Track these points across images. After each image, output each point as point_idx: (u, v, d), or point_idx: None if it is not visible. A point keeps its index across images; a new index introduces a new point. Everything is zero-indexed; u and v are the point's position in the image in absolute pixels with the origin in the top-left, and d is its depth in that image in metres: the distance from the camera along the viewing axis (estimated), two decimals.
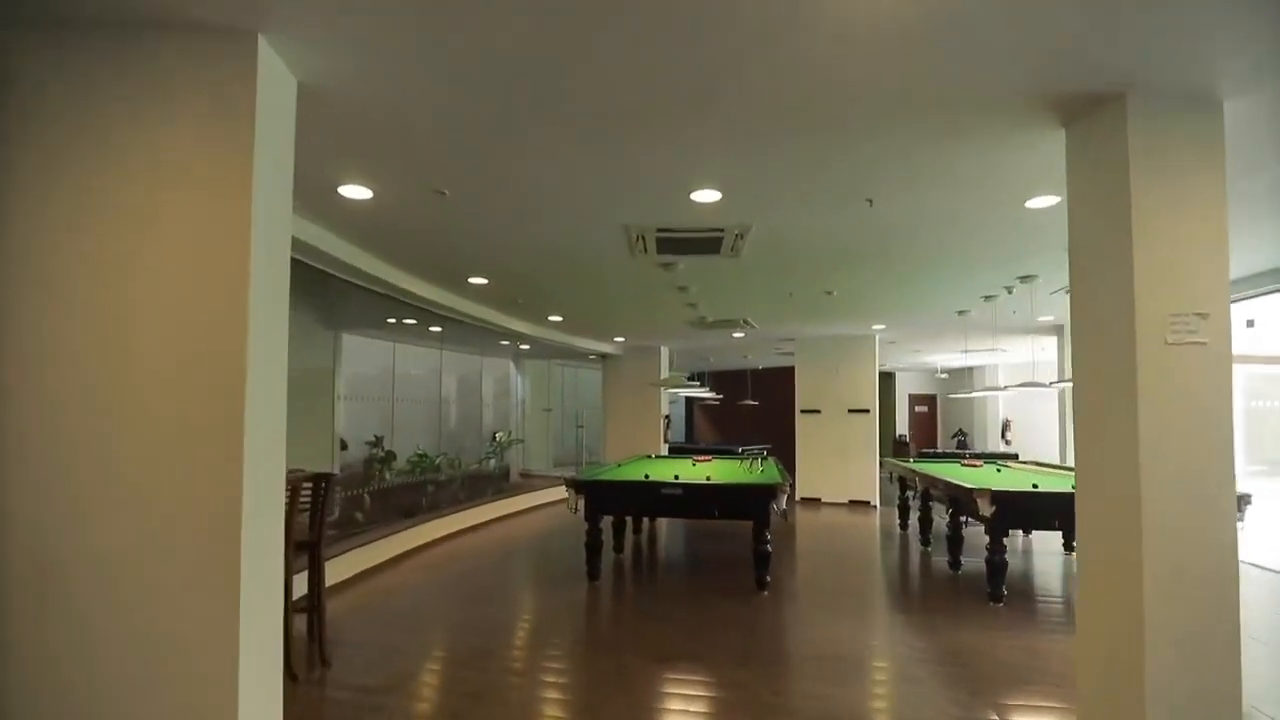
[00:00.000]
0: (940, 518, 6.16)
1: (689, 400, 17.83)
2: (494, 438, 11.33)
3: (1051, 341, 10.08)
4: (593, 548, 5.18)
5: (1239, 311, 8.55)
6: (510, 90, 2.54)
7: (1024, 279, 5.82)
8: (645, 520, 7.20)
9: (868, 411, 9.88)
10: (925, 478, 6.12)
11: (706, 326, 8.73)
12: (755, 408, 15.52)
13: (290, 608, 3.15)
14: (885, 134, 2.92)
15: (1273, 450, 9.37)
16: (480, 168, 3.32)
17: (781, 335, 9.97)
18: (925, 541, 6.67)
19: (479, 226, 4.36)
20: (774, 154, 3.14)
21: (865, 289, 6.41)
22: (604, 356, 11.91)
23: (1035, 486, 4.94)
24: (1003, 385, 7.21)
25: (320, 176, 3.42)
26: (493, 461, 10.97)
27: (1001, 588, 4.67)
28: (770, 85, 2.47)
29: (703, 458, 7.67)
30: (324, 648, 3.50)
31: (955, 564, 5.64)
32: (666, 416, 11.46)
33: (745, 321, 8.43)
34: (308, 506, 3.57)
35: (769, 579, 4.96)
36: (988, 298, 6.76)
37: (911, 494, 7.50)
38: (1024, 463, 7.65)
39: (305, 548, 3.47)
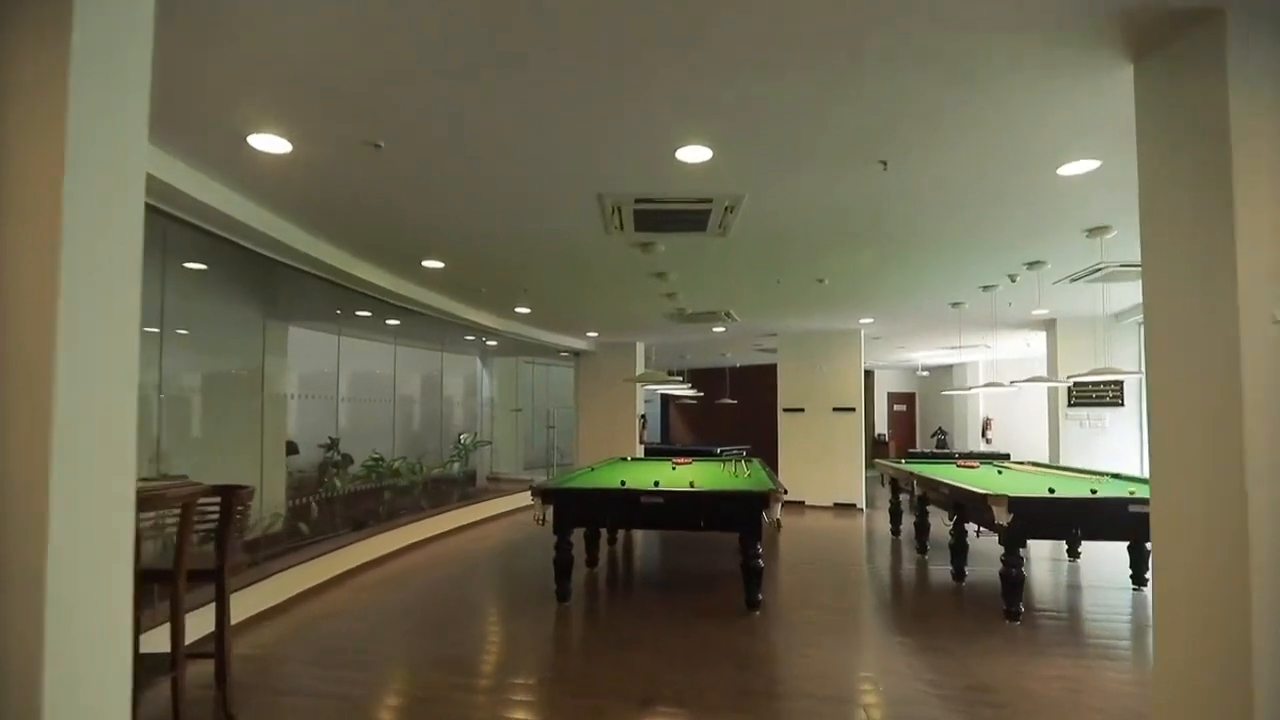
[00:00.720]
0: (943, 524, 5.69)
1: (665, 400, 17.31)
2: (459, 440, 10.65)
3: (1040, 337, 9.76)
4: (562, 565, 4.59)
5: None
6: (456, 13, 1.96)
7: (1032, 265, 5.38)
8: (621, 530, 6.63)
9: (853, 410, 9.45)
10: (924, 481, 5.66)
11: (686, 320, 8.20)
12: (734, 408, 15.07)
13: (180, 657, 2.51)
14: (905, 72, 2.40)
15: None
16: (424, 114, 2.73)
17: (763, 330, 9.49)
18: (922, 549, 6.22)
19: (426, 193, 3.74)
20: (774, 98, 2.59)
21: (859, 276, 5.93)
22: (576, 353, 11.31)
23: (1052, 491, 4.50)
24: (1008, 381, 6.80)
25: (224, 122, 2.79)
26: (456, 465, 10.30)
27: (1019, 604, 4.21)
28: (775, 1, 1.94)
29: (682, 460, 7.14)
30: (228, 702, 2.86)
31: (959, 574, 5.18)
32: (643, 417, 10.91)
33: (727, 314, 7.92)
34: (215, 524, 2.93)
35: (761, 598, 4.43)
36: (986, 288, 6.33)
37: (905, 498, 7.07)
38: (1019, 463, 7.26)
39: (205, 577, 2.83)
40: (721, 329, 9.22)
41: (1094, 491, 4.49)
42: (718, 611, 4.42)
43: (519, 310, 7.72)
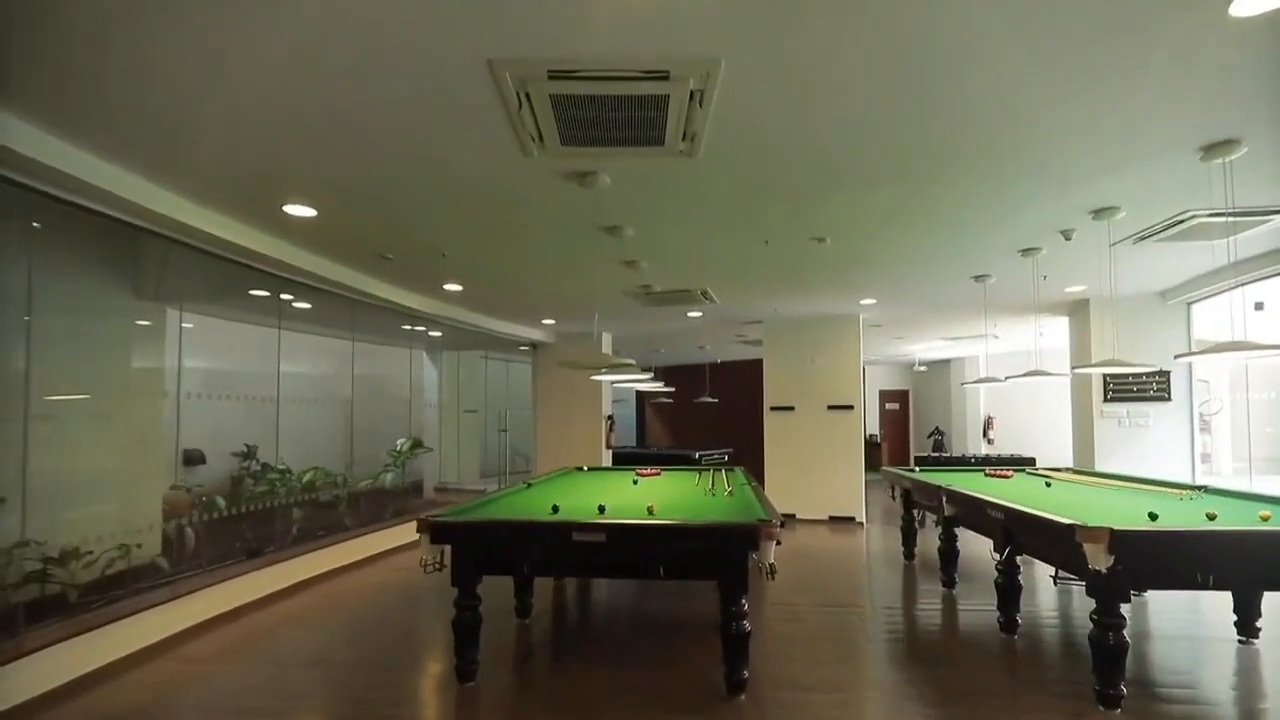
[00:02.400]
0: (981, 551, 4.37)
1: (640, 399, 15.95)
2: (395, 447, 9.19)
3: (1057, 324, 8.54)
4: (464, 631, 3.20)
5: (1247, 294, 7.17)
6: None
7: (1100, 213, 4.09)
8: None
9: (851, 408, 8.14)
10: (959, 499, 4.34)
11: (655, 301, 6.84)
12: (715, 407, 13.75)
13: None
14: None
15: None
16: None
17: (746, 316, 8.16)
18: (949, 581, 4.90)
19: (266, 104, 2.33)
20: None
21: (869, 233, 4.60)
22: (534, 346, 9.92)
23: (1154, 518, 3.20)
24: (1052, 371, 5.51)
25: None
26: (389, 476, 8.83)
27: (1119, 682, 2.89)
28: None
29: (649, 470, 5.79)
30: None
31: (1010, 625, 3.87)
32: (609, 417, 9.53)
33: (704, 294, 6.57)
34: None
35: (746, 675, 3.07)
36: (1026, 252, 5.04)
37: (922, 515, 5.78)
38: (1053, 470, 5.98)
39: None
40: (698, 314, 7.87)
41: (1211, 517, 3.21)
42: (687, 700, 3.05)
43: (448, 288, 6.30)
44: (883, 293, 6.75)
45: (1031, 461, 7.49)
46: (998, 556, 3.87)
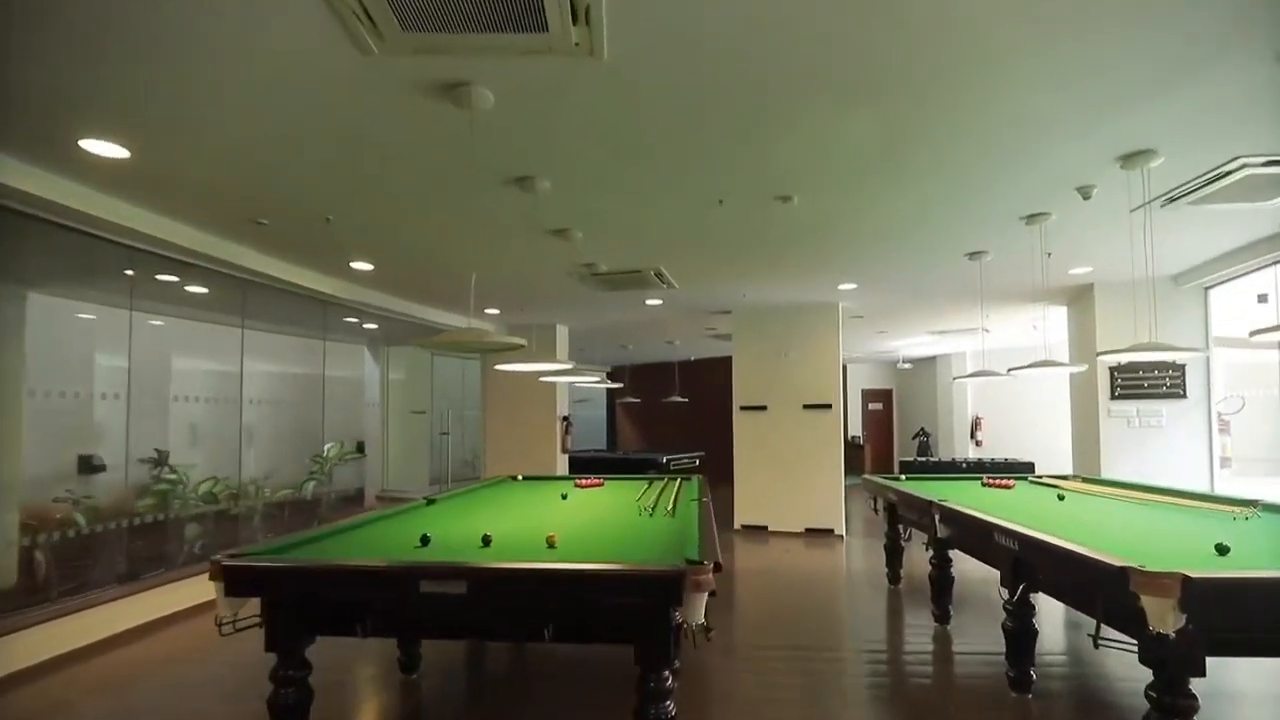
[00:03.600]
0: (994, 586, 3.55)
1: (610, 400, 15.06)
2: (323, 452, 8.23)
3: (1053, 315, 7.78)
4: (286, 713, 2.29)
5: (1247, 285, 6.42)
6: None
7: (1129, 160, 3.27)
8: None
9: (829, 407, 7.31)
10: (955, 519, 3.49)
11: (606, 285, 5.96)
12: (688, 408, 12.91)
13: None
14: None
15: None
16: None
17: (714, 305, 7.31)
18: (942, 616, 4.06)
19: None
20: None
21: (845, 187, 3.75)
22: None
23: (1224, 551, 2.37)
24: (1061, 361, 4.70)
25: None
26: (310, 486, 7.87)
27: None
28: None
29: (589, 481, 4.91)
30: None
31: (1022, 681, 3.03)
32: (565, 418, 8.64)
33: (659, 276, 5.70)
34: None
35: None
36: (1032, 218, 4.22)
37: (909, 531, 4.95)
38: (1059, 477, 5.19)
39: None
40: (658, 302, 7.01)
41: None
42: None
43: (358, 267, 5.38)
44: (864, 274, 5.92)
45: (1030, 468, 6.71)
46: (1006, 594, 3.03)
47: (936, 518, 3.64)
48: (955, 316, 8.23)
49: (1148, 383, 6.11)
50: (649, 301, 6.98)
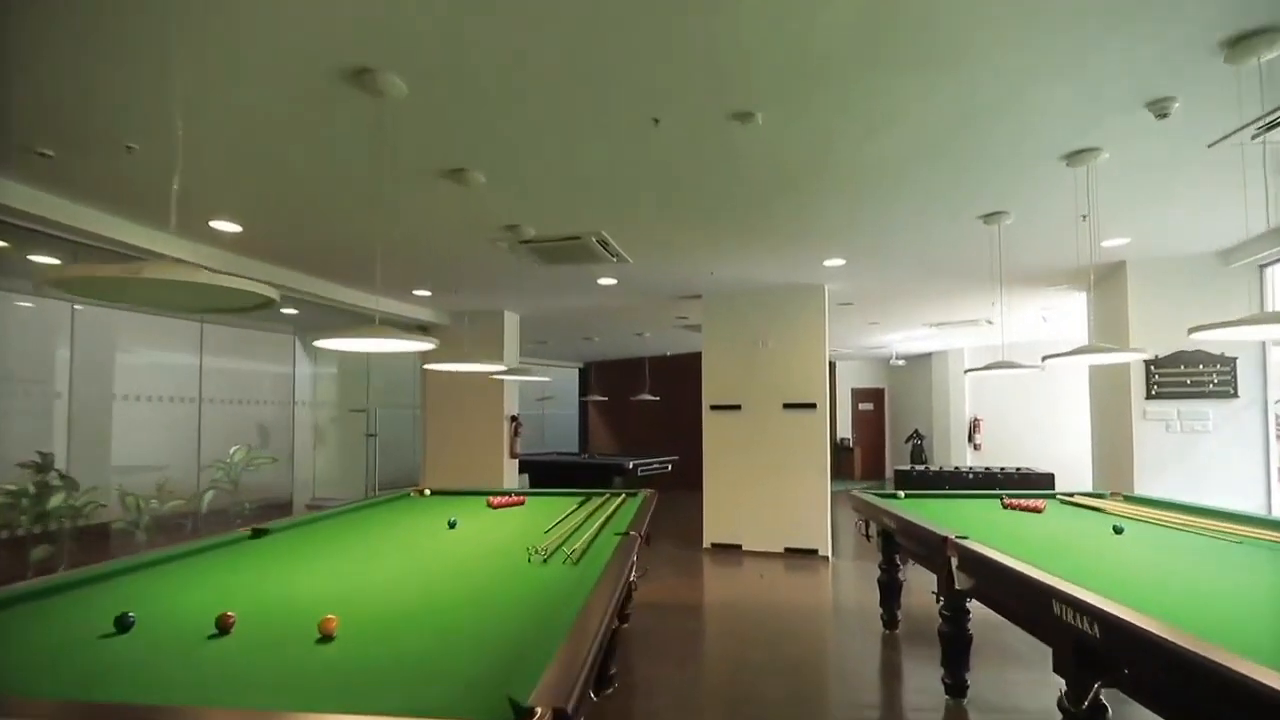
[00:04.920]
0: (1020, 640, 2.51)
1: (583, 400, 13.99)
2: (229, 456, 7.11)
3: (1068, 304, 6.80)
4: None
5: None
6: None
7: (1236, 46, 2.25)
8: None
9: (814, 407, 6.28)
10: (980, 567, 2.43)
11: (542, 257, 4.91)
12: (662, 407, 11.88)
13: None
14: None
15: None
16: None
17: (679, 286, 6.26)
18: (957, 687, 3.02)
19: None
20: None
21: (822, 112, 2.71)
22: (424, 329, 7.92)
23: None
24: (1112, 348, 3.68)
25: None
26: (210, 495, 6.76)
27: None
28: None
29: (506, 501, 3.85)
30: None
31: None
32: (514, 418, 7.57)
33: (603, 245, 4.65)
34: None
35: None
36: (1075, 156, 3.20)
37: (904, 563, 3.92)
38: (1094, 495, 4.19)
39: None
40: (612, 281, 5.95)
41: None
42: None
43: (220, 228, 4.27)
44: (855, 245, 4.88)
45: (1050, 480, 5.69)
46: (1064, 689, 1.99)
47: (954, 562, 2.60)
48: (960, 304, 7.23)
49: (1191, 379, 5.12)
50: (601, 281, 5.93)
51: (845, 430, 14.06)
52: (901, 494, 4.22)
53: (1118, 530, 2.93)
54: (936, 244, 4.77)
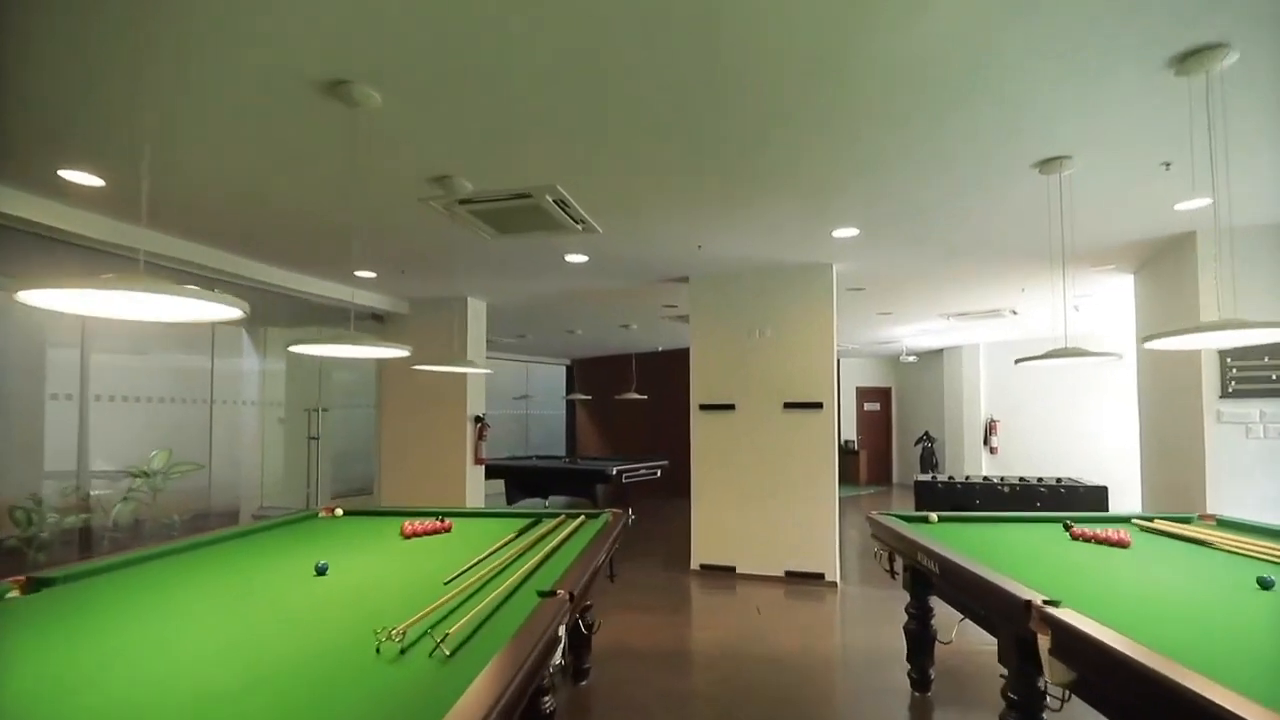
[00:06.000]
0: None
1: (568, 396, 13.10)
2: (148, 462, 6.21)
3: (1103, 293, 5.93)
4: None
5: None
6: None
7: None
8: None
9: (820, 407, 5.39)
10: (1110, 665, 1.55)
11: (491, 224, 4.03)
12: (652, 407, 11.03)
13: None
14: None
15: None
16: None
17: (662, 267, 5.36)
18: None
19: None
20: None
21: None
22: (380, 318, 7.05)
23: None
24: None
25: None
26: (121, 508, 5.86)
27: None
28: None
29: (422, 528, 2.98)
30: None
31: None
32: (478, 419, 6.69)
33: (562, 207, 3.76)
34: None
35: None
36: (1184, 60, 2.31)
37: (930, 608, 3.03)
38: (1180, 520, 3.30)
39: None
40: (583, 258, 5.06)
41: None
42: None
43: (73, 179, 3.37)
44: (872, 209, 3.99)
45: (1103, 493, 4.79)
46: None
47: (1043, 643, 1.70)
48: (984, 291, 6.33)
49: (1277, 373, 4.23)
50: (570, 258, 5.04)
51: (850, 431, 13.18)
52: (933, 517, 3.34)
53: (1265, 585, 2.04)
54: (973, 204, 3.87)
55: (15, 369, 5.83)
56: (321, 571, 2.22)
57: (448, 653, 1.42)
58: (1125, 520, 3.26)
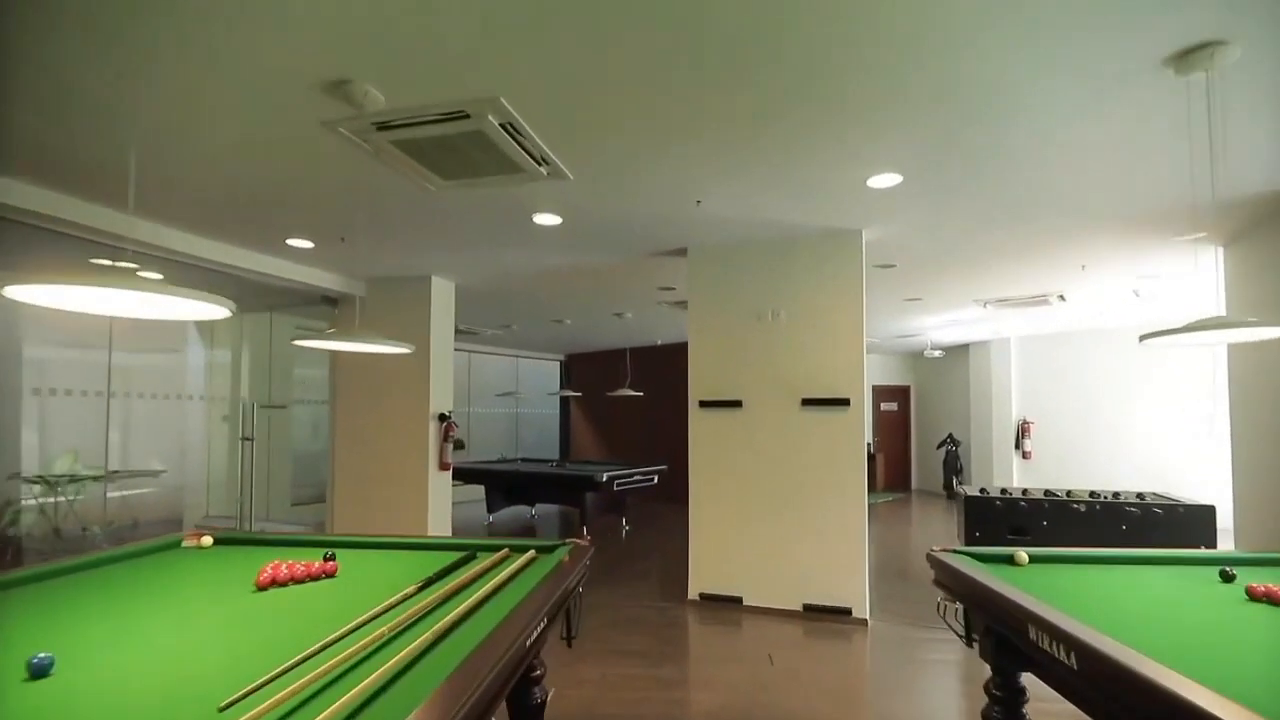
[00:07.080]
0: None
1: (564, 397, 12.18)
2: (55, 468, 5.31)
3: (1167, 280, 4.99)
4: None
5: None
6: None
7: None
8: None
9: (846, 404, 4.43)
10: None
11: (423, 161, 3.11)
12: (649, 406, 10.12)
13: None
14: None
15: None
16: None
17: (654, 237, 4.43)
18: None
19: None
20: None
21: None
22: (334, 301, 6.15)
23: None
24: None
25: None
26: (19, 517, 4.97)
27: None
28: None
29: (300, 572, 2.09)
30: None
31: None
32: (444, 417, 5.78)
33: (511, 130, 2.83)
34: None
35: None
36: None
37: (1022, 690, 2.08)
38: None
39: None
40: (553, 219, 4.12)
41: None
42: None
43: None
44: (926, 140, 3.04)
45: (1211, 514, 3.81)
46: None
47: None
48: (1035, 272, 5.37)
49: None
50: (540, 220, 4.11)
51: (867, 434, 12.21)
52: (1022, 555, 2.39)
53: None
54: (1069, 128, 2.92)
55: None
56: (39, 672, 1.29)
57: None
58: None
